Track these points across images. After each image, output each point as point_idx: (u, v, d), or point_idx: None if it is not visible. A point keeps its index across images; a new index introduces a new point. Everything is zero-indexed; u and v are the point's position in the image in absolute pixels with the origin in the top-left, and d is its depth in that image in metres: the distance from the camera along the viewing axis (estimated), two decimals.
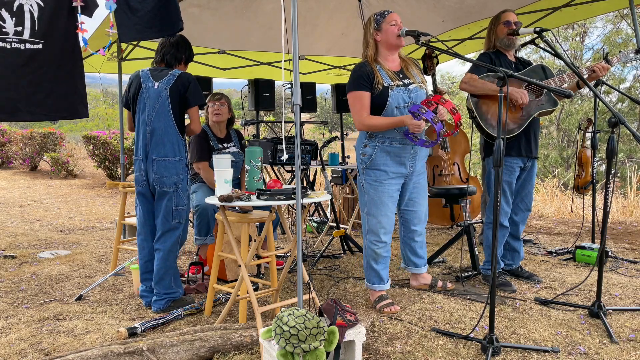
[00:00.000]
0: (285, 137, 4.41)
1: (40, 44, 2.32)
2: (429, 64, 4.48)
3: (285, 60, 2.32)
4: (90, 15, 2.41)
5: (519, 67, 3.19)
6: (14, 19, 2.25)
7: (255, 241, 2.74)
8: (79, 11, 2.36)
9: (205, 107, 3.76)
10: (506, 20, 3.14)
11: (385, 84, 2.79)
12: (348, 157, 5.30)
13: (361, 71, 2.81)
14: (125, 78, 2.98)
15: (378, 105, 2.80)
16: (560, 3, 4.26)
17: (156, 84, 2.86)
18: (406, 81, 2.87)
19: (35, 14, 2.29)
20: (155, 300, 2.91)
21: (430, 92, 2.99)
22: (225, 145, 3.73)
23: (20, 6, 2.26)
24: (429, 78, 4.43)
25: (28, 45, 2.29)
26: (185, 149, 2.94)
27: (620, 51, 3.30)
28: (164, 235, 2.91)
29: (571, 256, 3.95)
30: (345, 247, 4.33)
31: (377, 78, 2.79)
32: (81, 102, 2.42)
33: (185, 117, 3.00)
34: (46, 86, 2.34)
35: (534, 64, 3.24)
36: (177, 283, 2.97)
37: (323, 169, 4.11)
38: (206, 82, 5.19)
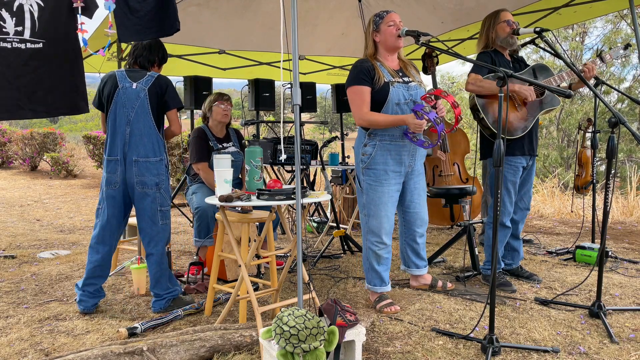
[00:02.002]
0: (285, 137, 4.42)
1: (41, 44, 2.33)
2: (429, 64, 4.49)
3: (285, 60, 2.32)
4: (90, 16, 2.41)
5: (515, 65, 3.20)
6: (14, 19, 2.25)
7: (255, 241, 2.74)
8: (79, 12, 2.36)
9: (209, 107, 3.72)
10: (507, 20, 3.14)
11: (386, 80, 2.79)
12: (348, 157, 5.30)
13: (362, 66, 2.81)
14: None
15: (378, 101, 2.80)
16: (559, 3, 4.26)
17: (134, 84, 2.83)
18: (406, 79, 2.88)
19: (36, 14, 2.30)
20: (155, 301, 2.91)
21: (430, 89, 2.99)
22: (225, 144, 3.73)
23: (21, 6, 2.26)
24: (429, 77, 4.44)
25: (29, 45, 2.30)
26: (165, 149, 2.91)
27: (610, 48, 3.32)
28: (154, 240, 2.89)
29: (571, 256, 3.95)
30: (345, 247, 4.33)
31: (378, 74, 2.79)
32: (82, 98, 2.43)
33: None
34: (47, 84, 2.34)
35: (531, 63, 3.25)
36: (172, 281, 2.97)
37: (323, 169, 4.11)
38: (206, 82, 5.18)
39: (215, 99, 3.73)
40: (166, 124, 3.01)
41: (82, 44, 2.46)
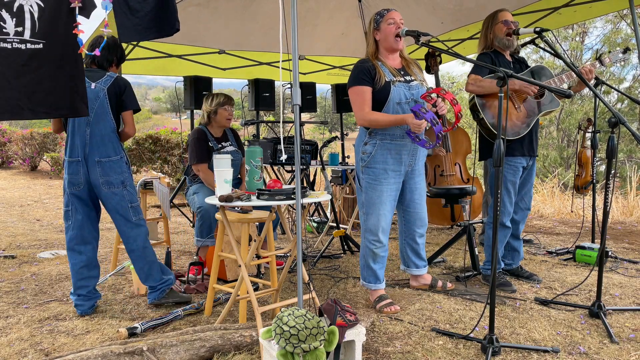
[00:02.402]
0: (285, 137, 4.42)
1: (41, 44, 2.33)
2: (431, 63, 4.49)
3: (284, 60, 2.32)
4: (87, 16, 2.41)
5: (516, 66, 3.20)
6: (14, 19, 2.25)
7: (255, 241, 2.74)
8: (77, 12, 2.36)
9: (215, 110, 3.69)
10: (505, 20, 3.13)
11: (387, 79, 2.80)
12: (348, 157, 5.30)
13: (362, 66, 2.82)
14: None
15: (379, 100, 2.80)
16: (559, 3, 4.26)
17: (93, 84, 2.81)
18: (408, 78, 2.88)
19: (36, 15, 2.30)
20: (150, 292, 2.93)
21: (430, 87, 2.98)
22: (224, 144, 3.73)
23: (21, 7, 2.26)
24: (432, 77, 4.45)
25: (29, 45, 2.30)
26: (122, 147, 2.90)
27: (610, 51, 3.32)
28: (132, 237, 2.88)
29: (571, 256, 3.95)
30: (345, 247, 4.33)
31: (379, 73, 2.79)
32: (82, 100, 2.42)
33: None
34: (47, 85, 2.34)
35: (531, 63, 3.25)
36: (165, 271, 2.98)
37: (323, 169, 4.11)
38: (206, 82, 5.18)
39: (224, 102, 3.68)
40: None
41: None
